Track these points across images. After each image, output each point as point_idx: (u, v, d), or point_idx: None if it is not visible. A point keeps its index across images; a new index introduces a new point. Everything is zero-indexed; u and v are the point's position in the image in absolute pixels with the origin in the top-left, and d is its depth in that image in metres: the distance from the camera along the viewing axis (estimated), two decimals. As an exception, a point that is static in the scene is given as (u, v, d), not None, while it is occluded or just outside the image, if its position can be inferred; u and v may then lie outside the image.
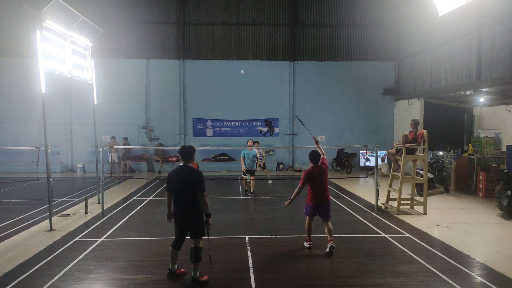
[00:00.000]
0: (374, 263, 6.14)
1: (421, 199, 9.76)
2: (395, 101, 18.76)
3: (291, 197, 6.60)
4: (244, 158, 11.77)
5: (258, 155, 12.05)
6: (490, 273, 5.73)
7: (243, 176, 12.09)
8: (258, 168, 12.32)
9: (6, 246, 6.93)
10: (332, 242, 6.53)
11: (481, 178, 11.70)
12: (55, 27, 8.26)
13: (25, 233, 7.72)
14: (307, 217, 6.80)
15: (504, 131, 13.79)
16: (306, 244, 6.84)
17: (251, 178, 11.75)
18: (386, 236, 7.60)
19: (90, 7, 16.53)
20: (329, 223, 6.66)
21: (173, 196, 5.30)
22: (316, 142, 7.65)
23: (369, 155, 17.85)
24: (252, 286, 5.31)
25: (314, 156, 6.72)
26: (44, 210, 9.40)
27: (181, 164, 5.38)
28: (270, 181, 14.28)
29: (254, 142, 12.22)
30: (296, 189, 6.64)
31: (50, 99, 11.59)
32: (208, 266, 5.42)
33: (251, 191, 11.80)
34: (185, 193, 5.17)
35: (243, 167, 11.83)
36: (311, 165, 6.73)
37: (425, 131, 9.35)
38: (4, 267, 5.88)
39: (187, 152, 5.33)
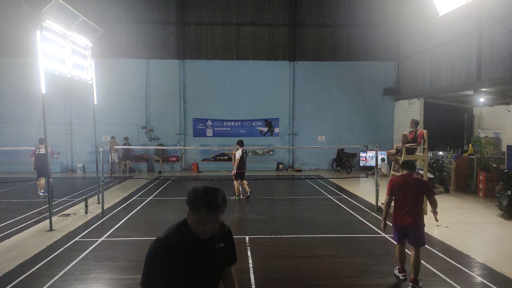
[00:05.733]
0: (374, 263, 6.13)
1: (421, 199, 9.75)
2: (395, 101, 18.76)
3: (383, 216, 5.50)
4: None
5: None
6: (490, 273, 5.73)
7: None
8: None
9: (6, 246, 6.93)
10: (413, 284, 5.10)
11: (481, 178, 11.69)
12: (55, 27, 8.25)
13: (25, 233, 7.72)
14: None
15: (504, 131, 13.78)
16: (398, 274, 5.52)
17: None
18: (386, 236, 7.59)
19: (90, 7, 16.51)
20: (419, 252, 5.24)
21: None
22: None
23: (368, 156, 17.82)
24: (252, 286, 5.31)
25: (409, 162, 5.51)
26: (44, 210, 9.42)
27: None
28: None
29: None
30: (384, 204, 5.47)
31: (50, 99, 11.58)
32: None
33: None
34: None
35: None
36: (403, 172, 5.45)
37: (425, 131, 9.34)
38: (4, 267, 5.88)
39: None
